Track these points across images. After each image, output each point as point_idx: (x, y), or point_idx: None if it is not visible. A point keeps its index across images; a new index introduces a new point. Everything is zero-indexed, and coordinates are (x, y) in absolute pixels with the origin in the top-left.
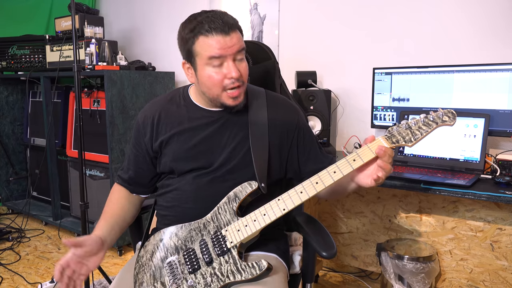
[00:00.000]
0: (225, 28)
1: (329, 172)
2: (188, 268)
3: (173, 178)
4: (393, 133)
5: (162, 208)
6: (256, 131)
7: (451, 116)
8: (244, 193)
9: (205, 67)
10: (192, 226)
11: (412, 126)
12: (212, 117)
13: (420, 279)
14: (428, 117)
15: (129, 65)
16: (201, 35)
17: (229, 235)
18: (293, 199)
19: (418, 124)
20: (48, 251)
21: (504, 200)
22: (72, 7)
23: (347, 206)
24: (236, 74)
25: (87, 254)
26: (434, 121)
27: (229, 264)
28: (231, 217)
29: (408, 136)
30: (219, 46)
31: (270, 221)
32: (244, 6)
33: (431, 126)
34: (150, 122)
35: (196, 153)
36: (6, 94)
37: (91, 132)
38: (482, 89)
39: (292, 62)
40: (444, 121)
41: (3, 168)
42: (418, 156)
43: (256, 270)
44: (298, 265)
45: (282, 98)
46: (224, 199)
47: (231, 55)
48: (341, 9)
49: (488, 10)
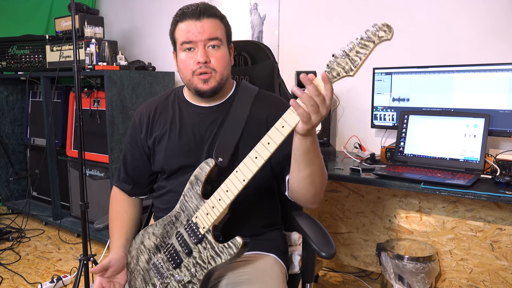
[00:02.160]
0: (196, 14)
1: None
2: (171, 264)
3: (166, 180)
4: (332, 66)
5: (159, 210)
6: (234, 113)
7: (387, 30)
8: (204, 174)
9: (180, 52)
10: (165, 221)
11: (349, 54)
12: (203, 113)
13: (420, 279)
14: (363, 38)
15: (129, 65)
16: (178, 21)
17: (200, 221)
18: (249, 167)
19: (355, 49)
20: (48, 251)
21: (504, 200)
22: (72, 7)
23: (347, 206)
24: (203, 58)
25: (114, 273)
26: (370, 40)
27: (207, 250)
28: (197, 202)
29: (348, 65)
30: (187, 30)
31: (233, 196)
32: (244, 6)
33: (368, 47)
34: (145, 119)
35: (187, 150)
36: (6, 94)
37: (91, 132)
38: (482, 89)
39: (292, 62)
40: (381, 37)
41: (3, 168)
42: (418, 156)
43: (233, 249)
44: (297, 265)
45: (274, 96)
46: (187, 185)
47: (202, 41)
48: (341, 9)
49: (489, 10)
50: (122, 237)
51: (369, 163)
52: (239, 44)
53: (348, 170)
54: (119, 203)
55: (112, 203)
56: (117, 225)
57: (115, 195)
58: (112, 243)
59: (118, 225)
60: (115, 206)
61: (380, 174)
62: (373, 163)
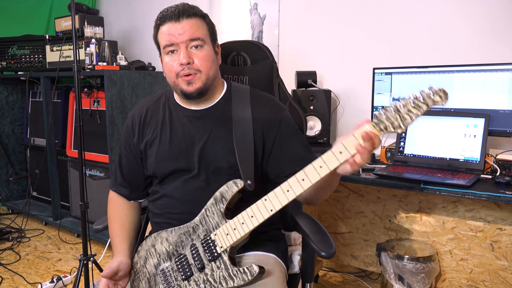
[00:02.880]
0: (175, 15)
1: (315, 167)
2: (181, 275)
3: (160, 184)
4: (380, 118)
5: (155, 215)
6: (240, 127)
7: (443, 95)
8: (230, 193)
9: (164, 56)
10: (182, 230)
11: (400, 109)
12: (193, 116)
13: (420, 279)
14: (418, 98)
15: (129, 65)
16: (159, 25)
17: (218, 239)
18: (280, 198)
19: (407, 107)
20: (48, 251)
21: (504, 200)
22: (72, 7)
23: (347, 206)
24: (185, 60)
25: (121, 277)
26: (425, 102)
27: (221, 270)
28: (219, 219)
29: (397, 122)
30: (168, 32)
31: (258, 224)
32: (244, 6)
33: (421, 108)
34: (137, 123)
35: (177, 154)
36: (6, 94)
37: (91, 132)
38: (482, 89)
39: (292, 62)
40: (435, 102)
41: (3, 168)
42: (418, 156)
43: (248, 275)
44: (297, 265)
45: (267, 95)
46: (211, 200)
47: (183, 42)
48: (341, 9)
49: (488, 10)
50: (125, 240)
51: (369, 163)
52: (238, 44)
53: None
54: (118, 208)
55: (111, 207)
56: (118, 228)
57: (113, 199)
58: (116, 246)
59: (119, 228)
60: (114, 210)
61: (380, 174)
62: (373, 163)
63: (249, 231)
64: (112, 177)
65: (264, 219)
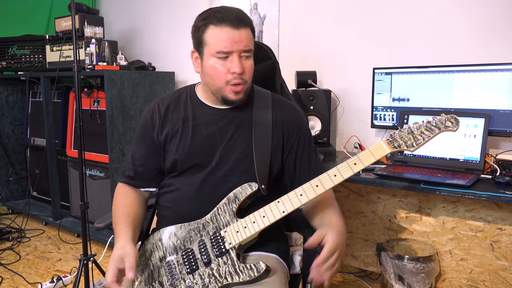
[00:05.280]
0: (235, 22)
1: (330, 175)
2: (186, 268)
3: (175, 178)
4: (395, 137)
5: (163, 208)
6: (259, 131)
7: (454, 122)
8: (244, 195)
9: (211, 57)
10: (192, 226)
11: (414, 131)
12: (218, 115)
13: (420, 279)
14: (431, 123)
15: (129, 65)
16: (212, 24)
17: (228, 236)
18: (292, 201)
19: (420, 129)
20: (48, 251)
21: (504, 200)
22: (72, 7)
23: (347, 206)
24: (239, 69)
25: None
26: (437, 126)
27: (227, 266)
28: (230, 218)
29: (410, 141)
30: (227, 37)
31: (269, 223)
32: (244, 6)
33: (433, 131)
34: (157, 115)
35: (199, 150)
36: (6, 94)
37: (91, 132)
38: (482, 89)
39: (292, 62)
40: (447, 127)
41: (3, 168)
42: (418, 156)
43: (254, 272)
44: (298, 265)
45: (287, 100)
46: (224, 200)
47: (238, 50)
48: (341, 9)
49: (488, 10)
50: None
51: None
52: None
53: None
54: (124, 196)
55: (117, 195)
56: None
57: (121, 190)
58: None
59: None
60: (120, 198)
61: (380, 174)
62: (373, 163)
63: (259, 229)
64: (121, 170)
65: (276, 220)
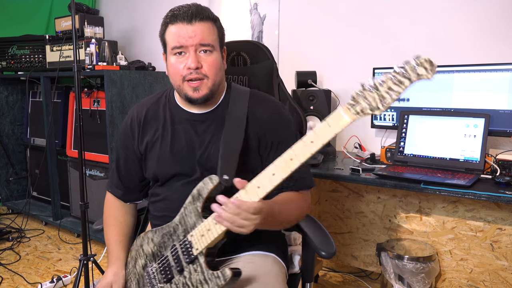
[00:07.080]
0: (187, 17)
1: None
2: (163, 277)
3: (160, 187)
4: (357, 99)
5: (154, 218)
6: (230, 126)
7: (428, 67)
8: (206, 190)
9: (170, 56)
10: (164, 230)
11: (379, 87)
12: (195, 119)
13: (420, 279)
14: (398, 73)
15: (129, 65)
16: (169, 23)
17: (194, 241)
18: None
19: (387, 84)
20: (48, 251)
21: (504, 200)
22: (72, 7)
23: (347, 206)
24: (194, 64)
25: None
26: (407, 77)
27: (198, 273)
28: (196, 219)
29: (375, 102)
30: (178, 34)
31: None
32: (244, 6)
33: (403, 84)
34: (136, 124)
35: (179, 158)
36: (6, 94)
37: (91, 132)
38: (482, 89)
39: (292, 62)
40: (419, 75)
41: (3, 168)
42: (418, 156)
43: (221, 280)
44: (297, 265)
45: (267, 96)
46: (189, 198)
47: (193, 45)
48: (341, 9)
49: (488, 10)
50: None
51: (369, 163)
52: (238, 44)
53: (348, 170)
54: (115, 211)
55: (107, 210)
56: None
57: (110, 201)
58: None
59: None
60: (111, 213)
61: (380, 174)
62: (373, 163)
63: (222, 231)
64: (109, 178)
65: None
